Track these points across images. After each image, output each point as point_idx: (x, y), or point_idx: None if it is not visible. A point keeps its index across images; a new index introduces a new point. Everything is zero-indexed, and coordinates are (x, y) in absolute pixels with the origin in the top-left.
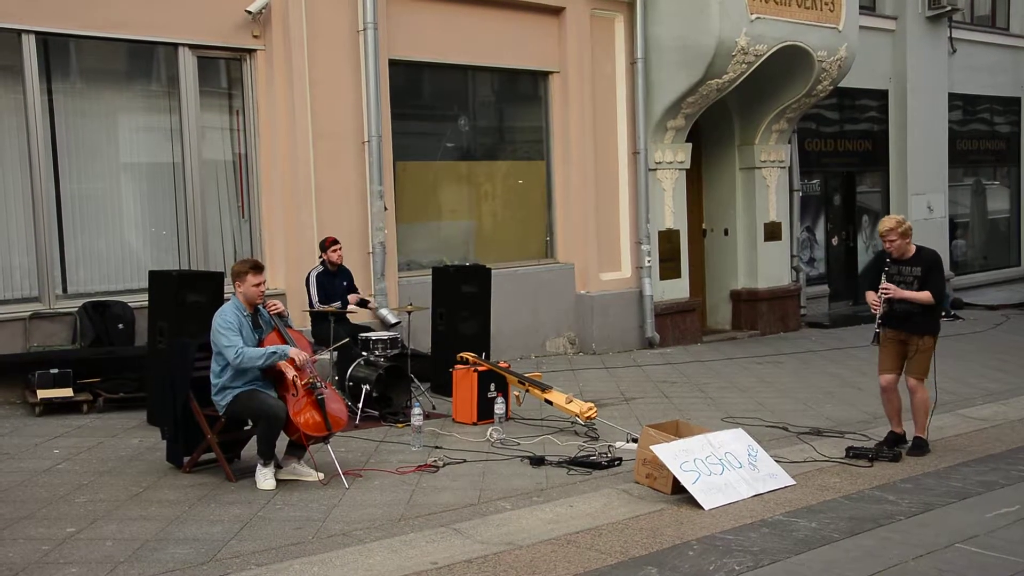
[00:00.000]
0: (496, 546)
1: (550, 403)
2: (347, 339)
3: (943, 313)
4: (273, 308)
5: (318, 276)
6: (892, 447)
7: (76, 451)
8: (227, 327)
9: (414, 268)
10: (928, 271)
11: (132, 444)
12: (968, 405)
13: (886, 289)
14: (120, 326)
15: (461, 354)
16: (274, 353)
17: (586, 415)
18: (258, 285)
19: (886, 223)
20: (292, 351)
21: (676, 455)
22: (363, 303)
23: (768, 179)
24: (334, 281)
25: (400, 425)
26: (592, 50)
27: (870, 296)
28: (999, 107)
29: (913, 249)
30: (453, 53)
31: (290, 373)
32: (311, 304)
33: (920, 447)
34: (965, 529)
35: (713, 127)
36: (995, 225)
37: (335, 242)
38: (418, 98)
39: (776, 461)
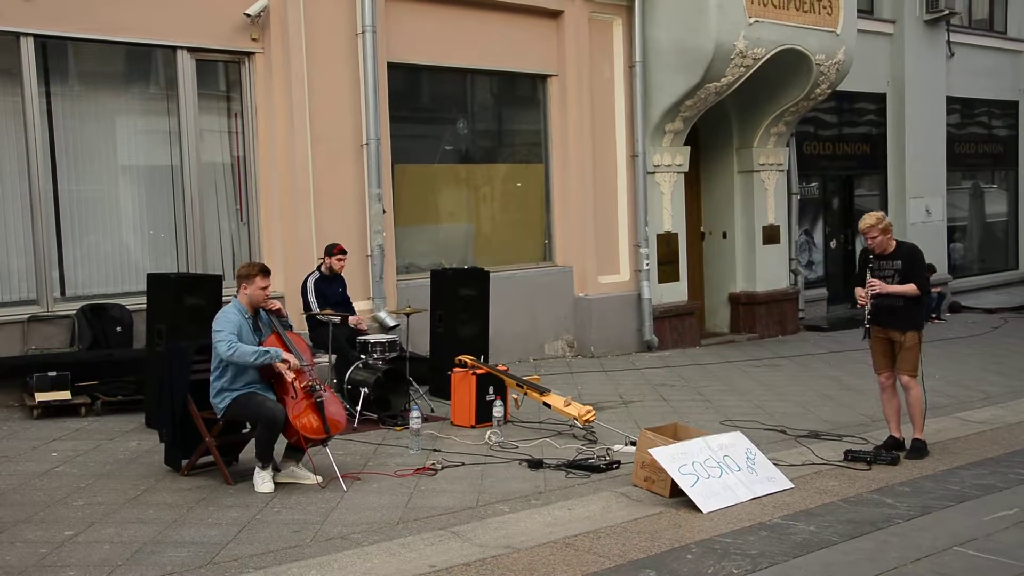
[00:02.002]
0: (494, 549)
1: (548, 406)
2: (342, 321)
3: (931, 317)
4: (271, 305)
5: (316, 283)
6: (891, 450)
7: (74, 454)
8: (226, 325)
9: (413, 271)
10: (909, 264)
11: (130, 447)
12: (966, 408)
13: (872, 285)
14: (118, 329)
15: (459, 357)
16: (267, 352)
17: (584, 418)
18: (264, 288)
19: (866, 220)
20: (284, 355)
21: (674, 458)
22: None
23: (766, 182)
24: (331, 287)
25: (398, 428)
26: (590, 53)
27: (858, 291)
28: (997, 110)
29: (894, 244)
30: (451, 56)
31: (289, 376)
32: (308, 308)
33: (919, 450)
34: (963, 532)
35: (711, 130)
36: (993, 228)
37: (343, 252)
38: (416, 101)
39: (774, 464)
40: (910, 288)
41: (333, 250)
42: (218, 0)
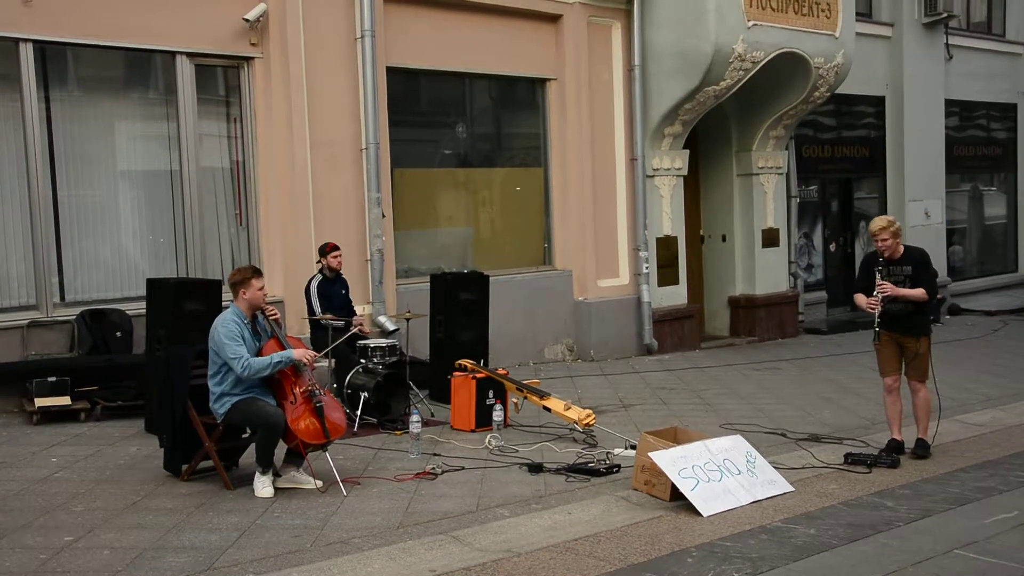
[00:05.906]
0: (494, 553)
1: (548, 410)
2: (346, 326)
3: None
4: (271, 314)
5: (319, 286)
6: (892, 453)
7: (74, 459)
8: (230, 337)
9: (412, 275)
10: (918, 269)
11: (130, 452)
12: (966, 411)
13: (883, 287)
14: (118, 334)
15: (459, 361)
16: (279, 361)
17: (584, 422)
18: (261, 289)
19: (877, 223)
20: (297, 353)
21: (674, 462)
22: (347, 326)
23: (766, 185)
24: (333, 289)
25: (398, 432)
26: (589, 57)
27: (860, 299)
28: (996, 113)
29: (902, 249)
30: (450, 60)
31: (287, 380)
32: (311, 312)
33: (924, 448)
34: (964, 535)
35: (710, 134)
36: (992, 231)
37: (335, 248)
38: (416, 105)
39: (774, 467)
40: (920, 292)
41: (327, 249)
42: (217, 5)
